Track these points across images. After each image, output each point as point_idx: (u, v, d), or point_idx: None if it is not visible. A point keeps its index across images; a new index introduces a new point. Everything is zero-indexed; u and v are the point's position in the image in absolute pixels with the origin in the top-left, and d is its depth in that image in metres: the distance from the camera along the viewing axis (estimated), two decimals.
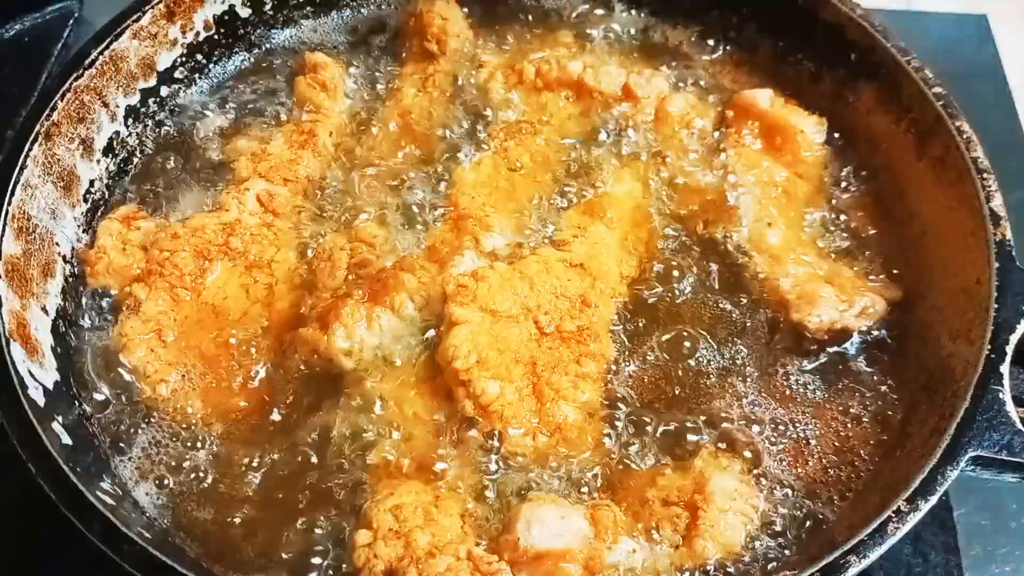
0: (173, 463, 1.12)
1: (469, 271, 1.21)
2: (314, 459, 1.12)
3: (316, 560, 1.04)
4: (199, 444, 1.14)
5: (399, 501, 1.04)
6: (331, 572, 1.03)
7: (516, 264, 1.24)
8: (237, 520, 1.08)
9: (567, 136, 1.43)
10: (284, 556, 1.05)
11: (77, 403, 1.14)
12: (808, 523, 1.08)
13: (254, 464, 1.12)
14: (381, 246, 1.28)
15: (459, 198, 1.33)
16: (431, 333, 1.20)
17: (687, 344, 1.22)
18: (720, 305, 1.26)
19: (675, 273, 1.29)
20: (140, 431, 1.14)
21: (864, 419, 1.16)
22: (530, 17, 1.61)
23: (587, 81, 1.44)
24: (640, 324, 1.24)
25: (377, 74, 1.52)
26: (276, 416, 1.16)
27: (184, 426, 1.15)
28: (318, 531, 1.06)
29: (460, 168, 1.38)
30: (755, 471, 1.11)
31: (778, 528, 1.07)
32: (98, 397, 1.16)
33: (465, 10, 1.57)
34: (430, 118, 1.45)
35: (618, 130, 1.43)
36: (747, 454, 1.12)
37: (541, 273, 1.22)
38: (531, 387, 1.14)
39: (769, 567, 1.04)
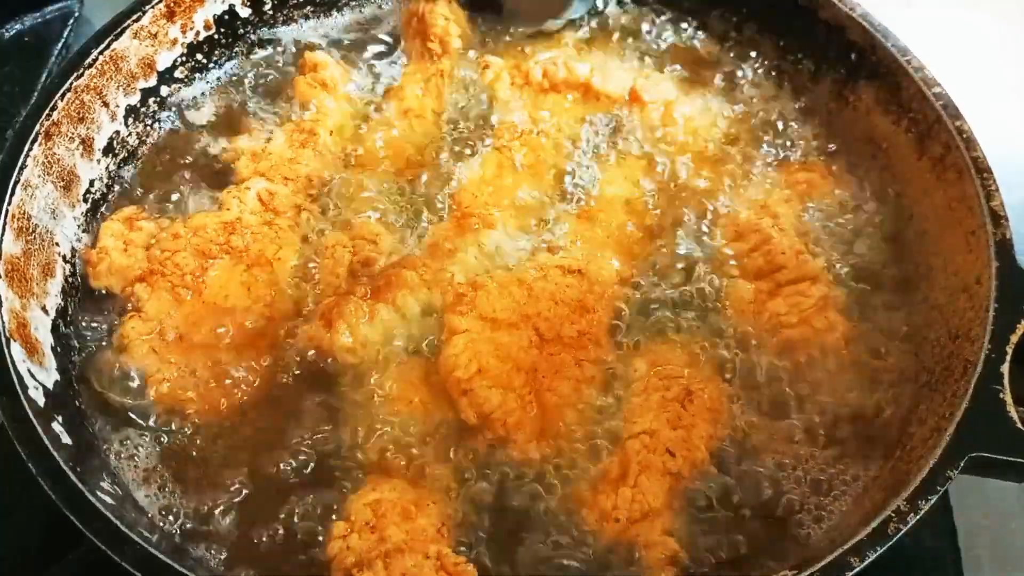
0: (175, 462, 1.12)
1: (468, 278, 1.22)
2: (314, 456, 1.12)
3: (314, 553, 1.05)
4: (201, 443, 1.14)
5: (379, 497, 1.05)
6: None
7: (514, 271, 1.24)
8: (238, 517, 1.08)
9: (571, 138, 1.42)
10: (283, 551, 1.06)
11: (77, 403, 1.14)
12: (807, 522, 1.08)
13: (255, 460, 1.12)
14: (383, 243, 1.29)
15: (462, 196, 1.33)
16: (432, 332, 1.20)
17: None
18: (722, 302, 1.25)
19: (676, 268, 1.28)
20: (141, 431, 1.14)
21: (864, 418, 1.16)
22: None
23: (594, 83, 1.44)
24: (640, 325, 1.23)
25: (378, 73, 1.52)
26: (278, 414, 1.16)
27: (186, 425, 1.15)
28: (314, 526, 1.07)
29: (464, 166, 1.37)
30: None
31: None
32: (99, 397, 1.16)
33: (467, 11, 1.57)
34: (432, 117, 1.45)
35: (622, 133, 1.42)
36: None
37: (539, 280, 1.22)
38: (533, 394, 1.14)
39: (769, 566, 1.04)
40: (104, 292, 1.24)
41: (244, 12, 1.52)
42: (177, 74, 1.46)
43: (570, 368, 1.16)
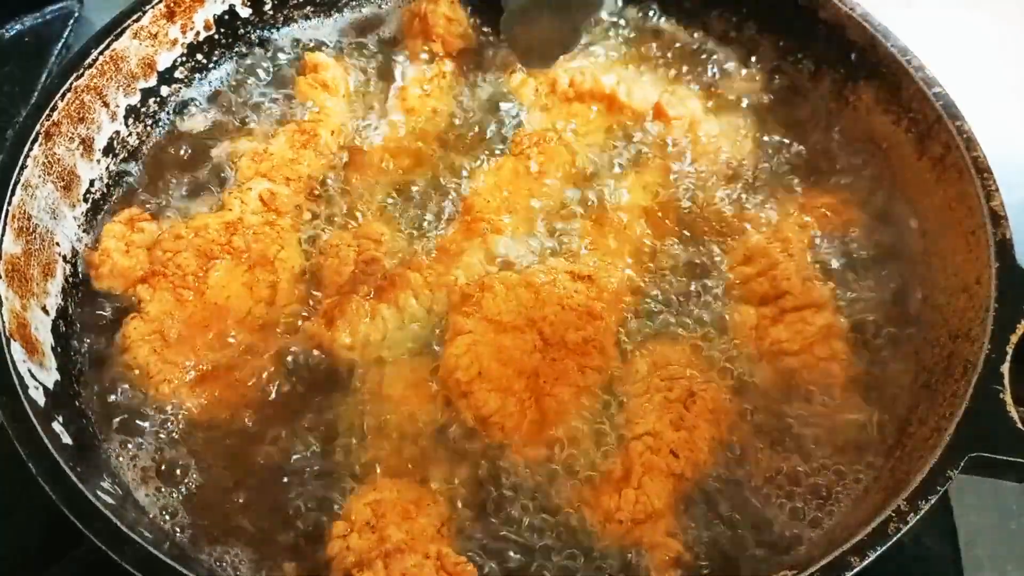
0: (175, 462, 1.12)
1: (475, 279, 1.21)
2: (314, 456, 1.12)
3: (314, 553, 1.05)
4: (202, 443, 1.14)
5: (379, 496, 1.05)
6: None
7: (522, 274, 1.24)
8: (238, 516, 1.08)
9: (590, 147, 1.41)
10: (283, 551, 1.06)
11: (78, 403, 1.14)
12: (808, 523, 1.08)
13: (256, 461, 1.12)
14: (388, 244, 1.28)
15: (474, 200, 1.32)
16: (434, 334, 1.20)
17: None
18: (727, 317, 1.25)
19: (684, 285, 1.28)
20: (142, 431, 1.14)
21: (864, 419, 1.16)
22: None
23: (619, 96, 1.43)
24: (645, 334, 1.23)
25: (379, 74, 1.52)
26: (278, 413, 1.16)
27: (187, 425, 1.15)
28: (314, 525, 1.07)
29: (479, 170, 1.37)
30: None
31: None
32: (99, 397, 1.16)
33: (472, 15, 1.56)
34: (434, 119, 1.45)
35: (643, 146, 1.41)
36: None
37: (547, 284, 1.21)
38: (533, 399, 1.13)
39: (770, 566, 1.04)
40: (105, 292, 1.24)
41: (244, 12, 1.52)
42: (177, 74, 1.46)
43: (573, 374, 1.15)
